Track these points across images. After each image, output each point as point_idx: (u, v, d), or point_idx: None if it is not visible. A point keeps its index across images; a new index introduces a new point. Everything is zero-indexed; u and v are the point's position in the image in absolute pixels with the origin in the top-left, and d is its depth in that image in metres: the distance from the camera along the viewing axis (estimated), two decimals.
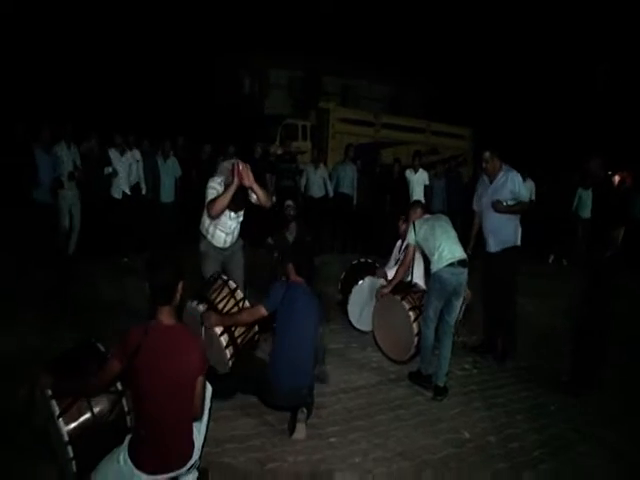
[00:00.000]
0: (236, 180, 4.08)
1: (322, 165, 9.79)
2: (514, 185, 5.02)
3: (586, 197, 10.92)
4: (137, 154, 8.36)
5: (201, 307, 3.99)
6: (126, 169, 8.05)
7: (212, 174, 9.27)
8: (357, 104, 21.36)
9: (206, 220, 4.49)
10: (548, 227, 10.26)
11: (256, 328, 4.12)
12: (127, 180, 8.10)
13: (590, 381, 4.68)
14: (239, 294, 4.16)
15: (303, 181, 9.80)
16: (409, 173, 9.75)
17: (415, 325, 4.68)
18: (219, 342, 3.89)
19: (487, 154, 5.11)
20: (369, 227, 9.90)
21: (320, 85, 21.05)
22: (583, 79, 22.64)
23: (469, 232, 5.57)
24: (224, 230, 4.49)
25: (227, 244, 4.58)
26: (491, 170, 5.13)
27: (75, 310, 5.45)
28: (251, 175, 4.15)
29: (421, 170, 9.73)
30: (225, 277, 4.31)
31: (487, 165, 5.13)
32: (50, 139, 7.10)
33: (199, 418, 2.74)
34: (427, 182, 9.70)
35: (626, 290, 5.60)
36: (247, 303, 4.15)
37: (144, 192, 8.45)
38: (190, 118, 16.79)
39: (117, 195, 8.04)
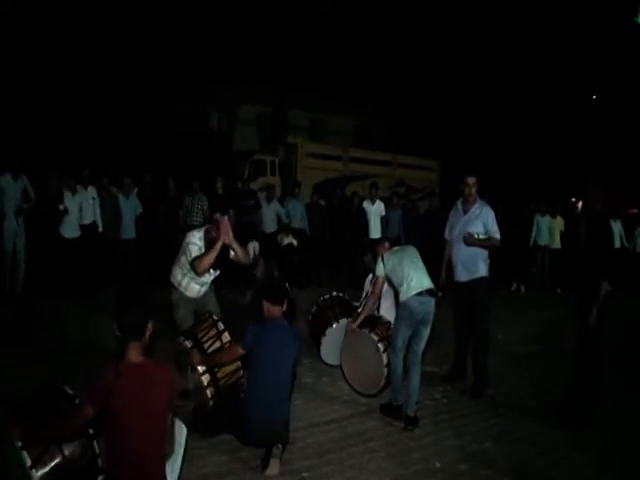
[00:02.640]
0: (220, 238, 4.16)
1: (275, 200, 9.98)
2: (487, 219, 5.11)
3: (543, 224, 11.30)
4: (93, 191, 8.18)
5: (187, 343, 4.02)
6: (77, 208, 7.90)
7: (178, 211, 9.22)
8: (325, 138, 21.54)
9: (178, 274, 4.49)
10: (507, 255, 10.43)
11: (241, 372, 4.12)
12: (78, 220, 7.94)
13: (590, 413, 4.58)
14: (226, 336, 4.15)
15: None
16: (367, 204, 10.02)
17: (385, 356, 4.71)
18: (200, 381, 3.92)
19: (473, 179, 5.13)
20: (328, 260, 10.01)
21: (288, 120, 21.28)
22: (549, 108, 23.44)
23: (428, 263, 5.58)
24: (199, 283, 4.51)
25: (200, 293, 4.62)
26: (471, 196, 5.15)
27: (40, 350, 5.33)
28: (231, 233, 4.24)
29: (378, 201, 10.05)
30: (216, 317, 4.31)
31: (469, 191, 5.13)
32: None
33: (170, 454, 2.72)
34: (383, 213, 9.97)
35: None
36: None
37: (100, 230, 8.27)
38: (154, 154, 16.59)
39: (66, 235, 7.83)
